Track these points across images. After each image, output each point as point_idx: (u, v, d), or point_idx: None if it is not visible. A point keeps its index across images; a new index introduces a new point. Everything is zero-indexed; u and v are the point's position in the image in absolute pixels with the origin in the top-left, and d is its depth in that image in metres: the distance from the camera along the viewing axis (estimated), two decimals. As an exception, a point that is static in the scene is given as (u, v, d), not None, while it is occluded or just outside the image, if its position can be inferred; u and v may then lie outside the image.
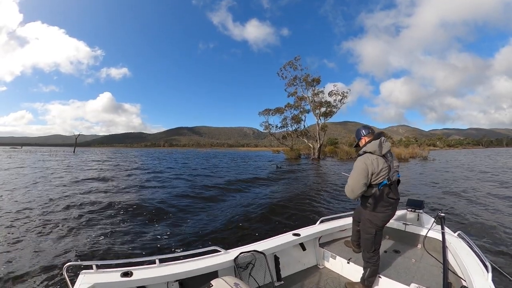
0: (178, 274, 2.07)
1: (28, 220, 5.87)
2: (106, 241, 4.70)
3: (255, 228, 5.61)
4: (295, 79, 36.36)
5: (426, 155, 35.14)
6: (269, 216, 6.52)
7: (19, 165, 21.20)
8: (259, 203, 7.98)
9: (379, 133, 2.53)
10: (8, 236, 4.90)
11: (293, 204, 7.85)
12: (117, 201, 7.85)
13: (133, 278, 1.91)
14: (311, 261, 3.20)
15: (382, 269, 2.64)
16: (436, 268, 2.69)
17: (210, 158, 42.16)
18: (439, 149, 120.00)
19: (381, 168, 2.32)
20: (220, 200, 8.59)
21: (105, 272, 1.95)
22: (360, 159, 2.38)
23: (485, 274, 2.06)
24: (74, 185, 11.33)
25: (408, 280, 2.44)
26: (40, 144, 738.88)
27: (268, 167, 22.62)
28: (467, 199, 8.27)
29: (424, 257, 2.97)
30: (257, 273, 2.39)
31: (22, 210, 6.71)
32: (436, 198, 8.59)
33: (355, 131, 2.76)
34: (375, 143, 2.38)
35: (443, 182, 12.49)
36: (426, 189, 10.57)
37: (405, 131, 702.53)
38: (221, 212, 6.99)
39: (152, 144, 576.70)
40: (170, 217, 6.36)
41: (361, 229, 2.62)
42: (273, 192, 10.12)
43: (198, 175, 16.14)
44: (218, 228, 5.54)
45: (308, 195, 9.24)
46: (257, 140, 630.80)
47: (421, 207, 3.60)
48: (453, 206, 7.30)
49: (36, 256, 4.05)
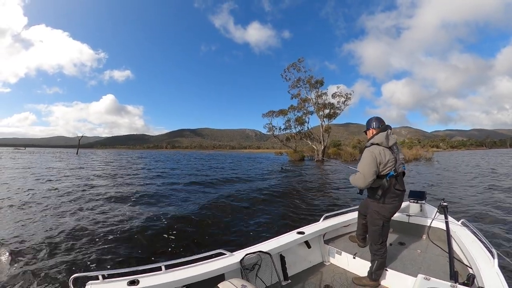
0: (185, 279, 2.06)
1: (34, 227, 5.77)
2: (111, 250, 4.60)
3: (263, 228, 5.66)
4: (299, 81, 36.43)
5: (431, 157, 34.94)
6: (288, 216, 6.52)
7: (26, 166, 21.28)
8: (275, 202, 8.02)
9: (386, 126, 2.57)
10: (14, 244, 4.79)
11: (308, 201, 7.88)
12: (124, 206, 7.80)
13: (140, 286, 1.89)
14: (317, 258, 3.21)
15: (388, 262, 2.65)
16: (442, 258, 2.70)
17: (216, 160, 42.00)
18: (442, 150, 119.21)
19: (388, 159, 2.38)
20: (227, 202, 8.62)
21: (111, 281, 1.93)
22: (368, 150, 2.45)
23: (491, 261, 2.07)
24: (76, 189, 11.33)
25: (414, 271, 2.45)
26: (43, 146, 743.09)
27: (274, 168, 22.66)
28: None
29: (429, 247, 2.98)
30: (264, 274, 2.40)
31: (27, 213, 6.77)
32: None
33: (367, 120, 2.78)
34: (382, 135, 2.45)
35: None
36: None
37: (408, 132, 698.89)
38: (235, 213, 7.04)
39: (155, 146, 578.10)
40: (180, 222, 6.32)
41: (369, 221, 2.65)
42: (285, 192, 10.16)
43: (204, 177, 16.16)
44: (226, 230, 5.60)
45: (320, 192, 9.27)
46: (259, 142, 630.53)
47: (423, 198, 3.61)
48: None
49: (41, 267, 3.95)
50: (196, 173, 18.69)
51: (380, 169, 2.38)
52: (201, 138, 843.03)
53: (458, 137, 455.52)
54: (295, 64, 36.30)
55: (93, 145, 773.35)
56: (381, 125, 2.62)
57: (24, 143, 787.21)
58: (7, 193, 9.54)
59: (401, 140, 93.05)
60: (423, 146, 62.04)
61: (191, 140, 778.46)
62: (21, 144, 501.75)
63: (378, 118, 2.69)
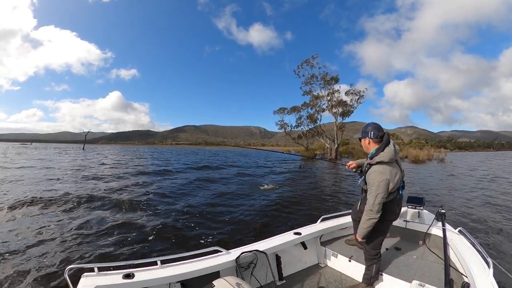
0: (180, 275, 2.08)
1: (31, 219, 5.81)
2: (108, 243, 4.62)
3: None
4: (312, 77, 35.97)
5: (443, 158, 34.48)
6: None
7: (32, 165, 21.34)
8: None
9: (388, 137, 2.30)
10: (10, 234, 4.86)
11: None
12: (124, 200, 7.65)
13: (135, 280, 1.91)
14: (312, 260, 3.20)
15: (383, 267, 2.65)
16: (437, 265, 2.68)
17: (228, 159, 41.94)
18: (450, 151, 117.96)
19: (398, 177, 2.24)
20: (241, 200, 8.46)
21: (107, 274, 1.94)
22: (378, 174, 2.17)
23: (486, 270, 2.07)
24: (78, 183, 11.30)
25: (409, 277, 2.44)
26: (49, 141, 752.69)
27: (291, 167, 22.47)
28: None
29: (425, 254, 2.97)
30: (259, 273, 2.41)
31: (27, 205, 6.76)
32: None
33: (363, 126, 2.48)
34: (391, 151, 2.21)
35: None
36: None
37: (413, 132, 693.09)
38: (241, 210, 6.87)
39: (159, 142, 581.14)
40: (180, 217, 6.28)
41: (374, 228, 2.36)
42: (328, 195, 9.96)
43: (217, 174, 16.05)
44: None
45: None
46: (263, 139, 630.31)
47: (422, 204, 3.57)
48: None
49: (38, 258, 3.98)
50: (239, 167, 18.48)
51: (390, 188, 2.18)
52: (205, 135, 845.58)
53: (464, 138, 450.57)
54: (308, 61, 35.87)
55: (98, 140, 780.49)
56: (380, 134, 2.30)
57: (31, 138, 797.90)
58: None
59: (408, 140, 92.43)
60: (431, 146, 61.41)
61: (196, 136, 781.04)
62: (27, 139, 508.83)
63: (376, 125, 2.35)
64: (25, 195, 7.84)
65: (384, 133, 2.33)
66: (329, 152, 34.84)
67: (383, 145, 2.24)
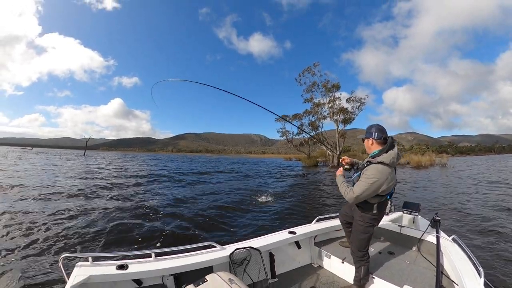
0: (174, 268, 2.09)
1: (32, 214, 6.13)
2: (103, 234, 4.75)
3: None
4: (314, 85, 36.34)
5: (445, 163, 34.54)
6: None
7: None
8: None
9: (392, 140, 2.30)
10: (10, 224, 5.11)
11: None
12: (124, 196, 8.05)
13: (129, 271, 1.92)
14: (306, 260, 3.22)
15: (376, 270, 2.66)
16: (429, 271, 2.69)
17: (228, 167, 41.85)
18: (451, 156, 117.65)
19: (392, 183, 2.23)
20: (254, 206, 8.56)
21: (100, 264, 1.96)
22: (376, 171, 2.17)
23: (477, 279, 2.07)
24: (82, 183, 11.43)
25: (401, 282, 2.44)
26: (50, 146, 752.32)
27: (295, 175, 22.50)
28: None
29: (418, 260, 2.98)
30: (252, 270, 2.41)
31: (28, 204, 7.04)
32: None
33: (367, 126, 2.50)
34: (394, 155, 2.22)
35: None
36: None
37: (414, 138, 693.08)
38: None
39: (160, 149, 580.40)
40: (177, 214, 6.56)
41: (357, 230, 2.49)
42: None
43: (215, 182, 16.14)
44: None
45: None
46: (264, 147, 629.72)
47: (417, 210, 3.61)
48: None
49: (32, 246, 4.13)
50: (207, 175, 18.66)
51: (381, 191, 2.20)
52: (206, 142, 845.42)
53: (464, 143, 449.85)
54: (310, 68, 36.30)
55: (99, 146, 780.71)
56: (384, 136, 2.34)
57: (32, 143, 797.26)
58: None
59: (409, 146, 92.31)
60: (433, 151, 61.37)
61: (196, 144, 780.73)
62: (28, 144, 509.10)
63: (380, 127, 2.38)
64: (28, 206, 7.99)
65: (387, 136, 2.36)
66: (331, 159, 34.92)
67: (387, 147, 2.25)
